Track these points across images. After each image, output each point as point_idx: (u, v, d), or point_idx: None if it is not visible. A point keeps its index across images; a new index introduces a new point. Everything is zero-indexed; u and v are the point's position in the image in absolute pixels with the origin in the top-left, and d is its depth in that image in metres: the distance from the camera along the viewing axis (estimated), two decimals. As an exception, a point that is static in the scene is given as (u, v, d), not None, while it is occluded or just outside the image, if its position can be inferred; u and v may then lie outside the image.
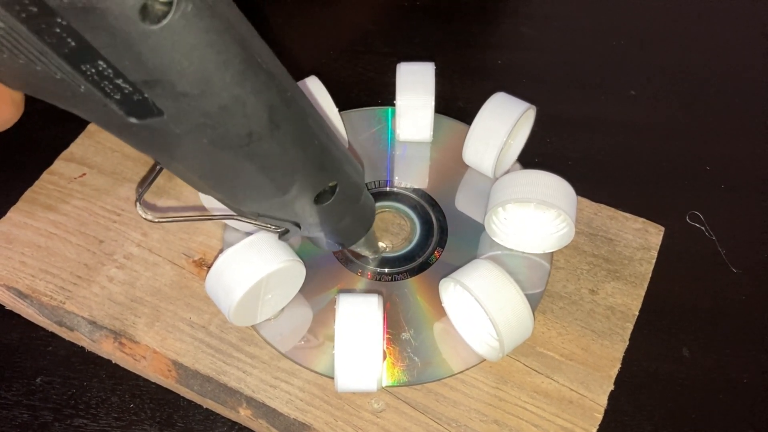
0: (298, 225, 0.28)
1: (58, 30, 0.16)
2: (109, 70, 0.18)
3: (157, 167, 0.27)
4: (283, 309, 0.35)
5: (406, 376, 0.33)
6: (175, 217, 0.30)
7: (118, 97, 0.19)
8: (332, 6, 0.53)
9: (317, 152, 0.25)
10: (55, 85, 0.18)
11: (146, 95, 0.19)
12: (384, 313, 0.32)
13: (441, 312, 0.35)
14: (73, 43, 0.17)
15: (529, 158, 0.41)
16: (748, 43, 0.52)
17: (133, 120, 0.20)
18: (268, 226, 0.28)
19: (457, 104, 0.47)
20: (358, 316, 0.30)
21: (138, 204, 0.27)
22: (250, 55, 0.20)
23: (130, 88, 0.18)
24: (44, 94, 0.20)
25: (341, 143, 0.28)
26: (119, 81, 0.18)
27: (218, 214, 0.28)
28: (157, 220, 0.27)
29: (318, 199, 0.27)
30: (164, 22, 0.17)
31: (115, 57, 0.17)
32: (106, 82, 0.18)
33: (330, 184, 0.27)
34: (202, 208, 0.38)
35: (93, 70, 0.18)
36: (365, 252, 0.36)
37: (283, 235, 0.29)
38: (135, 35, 0.17)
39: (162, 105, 0.19)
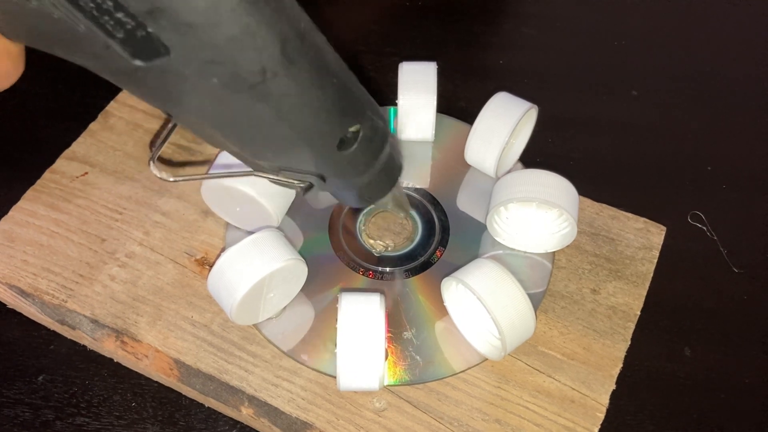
0: (322, 178, 0.26)
1: None
2: (109, 2, 0.17)
3: (170, 124, 0.25)
4: (285, 308, 0.35)
5: (408, 375, 0.34)
6: (193, 175, 0.29)
7: (120, 35, 0.18)
8: (333, 5, 0.53)
9: (337, 92, 0.23)
10: (53, 26, 0.17)
11: (150, 29, 0.17)
12: (386, 313, 0.32)
13: (443, 311, 0.35)
14: None
15: (531, 158, 0.41)
16: (750, 43, 0.53)
17: (138, 62, 0.18)
18: (291, 181, 0.26)
19: (458, 104, 0.47)
20: (361, 314, 0.30)
21: (152, 163, 0.25)
22: None
23: (133, 23, 0.17)
24: (43, 40, 0.18)
25: (361, 85, 0.26)
26: (120, 15, 0.17)
27: (239, 171, 0.27)
28: (173, 179, 0.26)
29: (340, 146, 0.25)
30: None
31: None
32: (107, 17, 0.17)
33: (352, 129, 0.25)
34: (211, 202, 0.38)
35: (92, 4, 0.17)
36: (395, 210, 0.34)
37: (307, 190, 0.27)
38: None
39: (167, 40, 0.18)
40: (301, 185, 0.27)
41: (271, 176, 0.26)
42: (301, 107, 0.22)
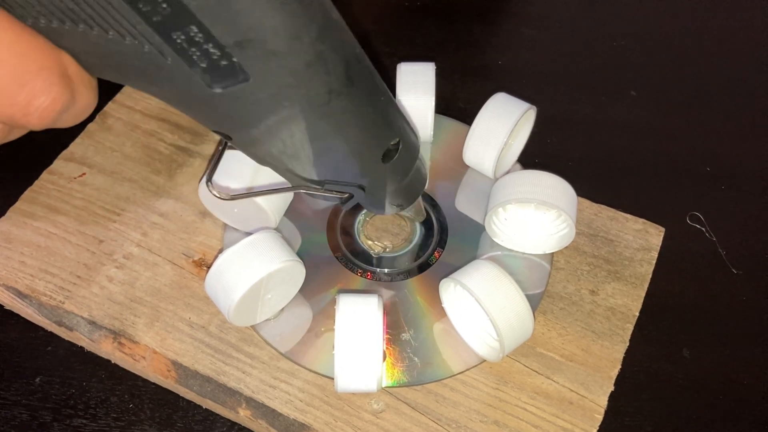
0: (362, 188, 0.28)
1: None
2: (201, 35, 0.18)
3: (222, 145, 0.27)
4: (282, 309, 0.35)
5: (406, 377, 0.33)
6: (245, 194, 0.31)
7: (204, 65, 0.19)
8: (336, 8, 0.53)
9: (384, 108, 0.26)
10: (140, 60, 0.18)
11: (235, 59, 0.19)
12: (384, 314, 0.32)
13: (441, 312, 0.35)
14: (167, 9, 0.17)
15: (530, 159, 0.41)
16: (749, 44, 0.52)
17: (217, 90, 0.20)
18: (333, 193, 0.28)
19: (457, 104, 0.47)
20: (358, 316, 0.30)
21: (209, 184, 0.27)
22: (327, 9, 0.20)
23: (219, 53, 0.18)
24: (126, 73, 0.20)
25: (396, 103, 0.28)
26: (209, 46, 0.18)
27: (283, 187, 0.29)
28: (228, 198, 0.28)
29: (384, 158, 0.27)
30: None
31: (211, 19, 0.17)
32: (195, 49, 0.18)
33: (393, 142, 0.27)
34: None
35: (183, 38, 0.18)
36: (413, 215, 0.36)
37: (346, 201, 0.29)
38: None
39: (250, 68, 0.19)
40: (341, 197, 0.28)
41: (315, 191, 0.28)
42: (357, 123, 0.24)
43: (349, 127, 0.24)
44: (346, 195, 0.28)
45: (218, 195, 0.27)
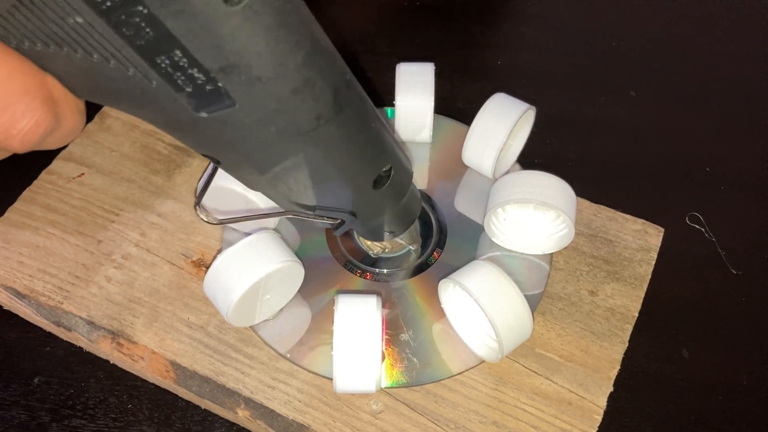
0: (354, 214, 0.28)
1: (137, 19, 0.16)
2: (185, 60, 0.17)
3: (211, 167, 0.27)
4: (281, 310, 0.35)
5: (405, 377, 0.33)
6: (234, 218, 0.31)
7: (189, 89, 0.19)
8: (332, 6, 0.53)
9: (375, 136, 0.26)
10: (125, 83, 0.18)
11: (220, 84, 0.18)
12: (383, 314, 0.32)
13: (440, 313, 0.35)
14: (151, 33, 0.17)
15: (529, 159, 0.41)
16: (749, 44, 0.52)
17: (202, 114, 0.20)
18: (323, 219, 0.28)
19: (456, 105, 0.47)
20: (357, 316, 0.30)
21: (198, 207, 0.27)
22: (315, 36, 0.20)
23: (204, 78, 0.18)
24: (111, 96, 0.19)
25: (389, 129, 0.28)
26: (193, 71, 0.18)
27: (274, 212, 0.29)
28: (217, 222, 0.28)
29: (375, 185, 0.27)
30: (245, 1, 0.17)
31: (195, 44, 0.17)
32: (179, 74, 0.18)
33: (384, 169, 0.27)
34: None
35: (167, 62, 0.18)
36: (408, 242, 0.36)
37: (337, 227, 0.29)
38: (217, 18, 0.17)
39: (235, 93, 0.19)
40: (332, 223, 0.28)
41: (306, 216, 0.27)
42: (347, 150, 0.24)
43: (339, 154, 0.24)
44: (338, 221, 0.28)
45: (206, 220, 0.27)
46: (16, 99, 0.18)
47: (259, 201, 0.34)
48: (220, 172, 0.26)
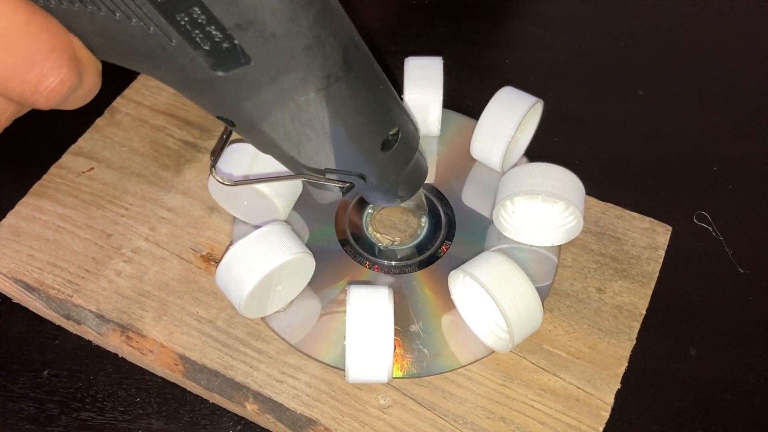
0: (363, 177, 0.29)
1: None
2: (203, 17, 0.18)
3: (227, 132, 0.27)
4: (292, 301, 0.35)
5: (416, 368, 0.34)
6: (247, 180, 0.32)
7: (207, 47, 0.19)
8: (340, 2, 0.53)
9: (383, 97, 0.26)
10: (146, 42, 0.19)
11: (236, 41, 0.19)
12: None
13: (449, 305, 0.35)
14: None
15: (536, 157, 0.41)
16: (756, 43, 0.52)
17: (219, 73, 0.20)
18: (334, 182, 0.28)
19: (464, 102, 0.47)
20: (369, 307, 0.30)
21: (213, 169, 0.28)
22: None
23: (221, 35, 0.19)
24: (133, 56, 0.20)
25: (396, 94, 0.28)
26: (211, 28, 0.19)
27: (285, 174, 0.30)
28: (231, 183, 0.29)
29: (383, 147, 0.28)
30: None
31: (213, 0, 0.18)
32: (198, 31, 0.19)
33: (392, 132, 0.28)
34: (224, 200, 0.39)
35: (187, 19, 0.18)
36: (414, 208, 0.36)
37: (347, 191, 0.29)
38: None
39: (251, 50, 0.20)
40: (342, 186, 0.29)
41: (316, 179, 0.28)
42: (356, 110, 0.25)
43: (348, 114, 0.25)
44: (347, 184, 0.29)
45: (221, 181, 0.28)
46: (44, 56, 0.18)
47: (277, 200, 0.35)
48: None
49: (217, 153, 0.28)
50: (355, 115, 0.25)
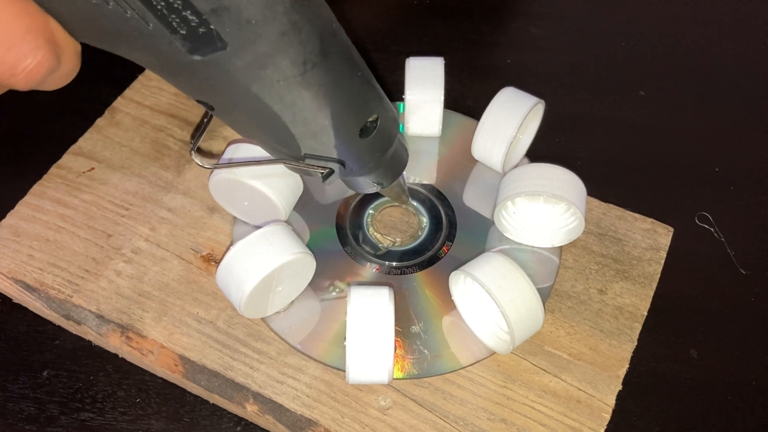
0: (342, 164, 0.29)
1: None
2: (179, 2, 0.18)
3: (207, 116, 0.28)
4: (293, 302, 0.35)
5: (416, 369, 0.33)
6: (228, 164, 0.32)
7: (184, 32, 0.20)
8: (341, 4, 0.53)
9: (361, 84, 0.27)
10: (124, 25, 0.19)
11: (212, 26, 0.19)
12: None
13: (450, 305, 0.35)
14: None
15: (538, 158, 0.41)
16: (758, 44, 0.52)
17: (196, 57, 0.21)
18: (314, 167, 0.28)
19: (465, 103, 0.47)
20: (370, 308, 0.30)
21: (193, 153, 0.28)
22: None
23: (197, 20, 0.19)
24: (110, 39, 0.20)
25: (376, 81, 0.29)
26: (187, 13, 0.19)
27: (265, 158, 0.30)
28: (211, 166, 0.29)
29: (362, 133, 0.28)
30: None
31: None
32: (174, 16, 0.19)
33: (371, 119, 0.28)
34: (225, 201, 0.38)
35: (163, 3, 0.18)
36: (394, 196, 0.36)
37: (326, 177, 0.29)
38: None
39: (226, 36, 0.20)
40: (322, 172, 0.29)
41: (297, 164, 0.28)
42: (333, 96, 0.25)
43: (326, 100, 0.25)
44: (327, 170, 0.29)
45: (201, 164, 0.28)
46: (21, 38, 0.18)
47: (277, 200, 0.35)
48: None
49: (197, 136, 0.28)
50: (332, 101, 0.25)
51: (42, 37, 0.19)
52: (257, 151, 0.34)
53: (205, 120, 0.28)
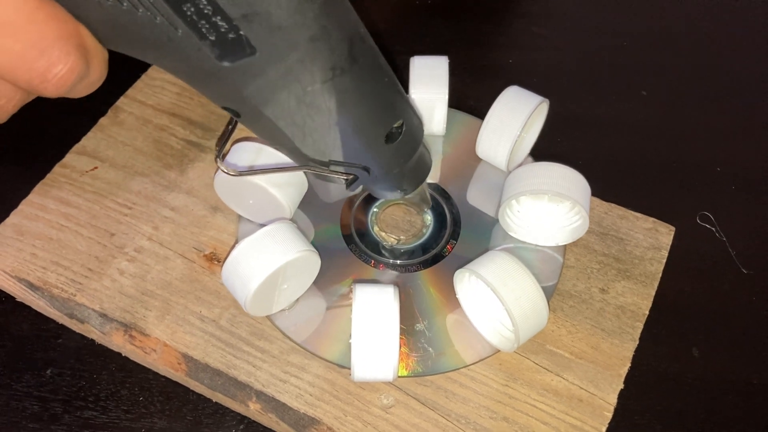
0: (367, 170, 0.29)
1: None
2: (209, 7, 0.18)
3: (232, 122, 0.28)
4: (298, 299, 0.35)
5: (421, 367, 0.34)
6: (253, 171, 0.32)
7: (213, 38, 0.19)
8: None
9: (388, 89, 0.27)
10: (153, 32, 0.19)
11: (242, 32, 0.19)
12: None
13: (454, 303, 0.35)
14: None
15: (540, 158, 0.41)
16: (759, 44, 0.52)
17: (225, 64, 0.20)
18: (338, 173, 0.28)
19: (467, 103, 0.47)
20: (375, 305, 0.30)
21: (219, 159, 0.28)
22: None
23: (227, 26, 0.19)
24: (139, 45, 0.20)
25: (401, 86, 0.29)
26: (217, 18, 0.19)
27: (289, 165, 0.30)
28: (236, 173, 0.29)
29: (387, 139, 0.28)
30: None
31: None
32: (204, 21, 0.19)
33: (396, 125, 0.28)
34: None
35: (193, 9, 0.18)
36: (418, 201, 0.36)
37: (351, 183, 0.29)
38: None
39: (256, 41, 0.20)
40: (346, 178, 0.29)
41: (321, 170, 0.28)
42: (360, 102, 0.25)
43: (353, 106, 0.25)
44: (351, 176, 0.29)
45: (226, 171, 0.28)
46: (53, 44, 0.18)
47: (283, 198, 0.35)
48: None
49: (222, 143, 0.28)
50: (359, 107, 0.25)
51: (73, 43, 0.19)
52: (273, 152, 0.34)
53: (230, 127, 0.28)
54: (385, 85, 0.26)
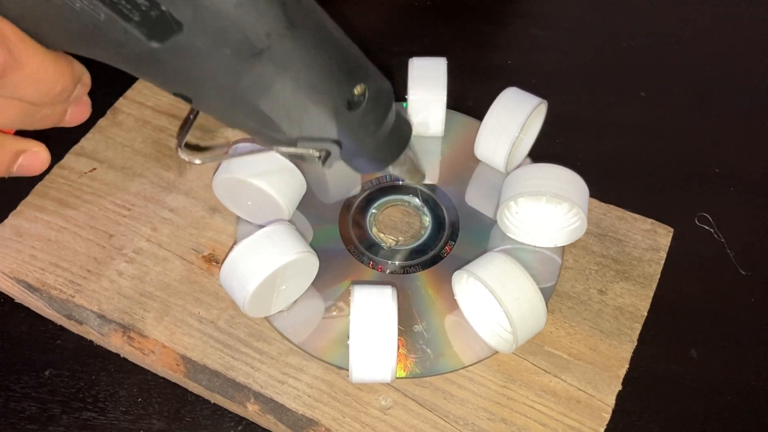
0: (338, 143, 0.27)
1: None
2: None
3: (194, 111, 0.27)
4: (296, 301, 0.35)
5: (419, 368, 0.34)
6: (217, 156, 0.31)
7: (137, 18, 0.19)
8: (343, 5, 0.53)
9: (338, 52, 0.25)
10: (76, 19, 0.19)
11: (163, 7, 0.19)
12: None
13: (452, 305, 0.35)
14: None
15: (539, 159, 0.41)
16: (758, 45, 0.52)
17: (155, 44, 0.20)
18: (309, 151, 0.27)
19: (466, 103, 0.47)
20: (373, 307, 0.31)
21: (180, 149, 0.26)
22: None
23: (147, 3, 0.19)
24: (70, 38, 0.20)
25: (359, 50, 0.27)
26: None
27: (258, 148, 0.28)
28: (200, 161, 0.28)
29: (350, 106, 0.26)
30: None
31: None
32: (124, 2, 0.19)
33: (358, 91, 0.26)
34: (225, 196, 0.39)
35: None
36: (410, 177, 0.34)
37: (325, 160, 0.28)
38: None
39: (180, 16, 0.20)
40: (319, 155, 0.27)
41: (290, 149, 0.27)
42: (308, 67, 0.24)
43: (301, 73, 0.24)
44: (324, 152, 0.27)
45: (188, 159, 0.27)
46: None
47: (281, 199, 0.35)
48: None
49: (183, 132, 0.27)
50: (308, 74, 0.24)
51: None
52: (255, 147, 0.33)
53: (191, 116, 0.27)
54: (335, 48, 0.25)
